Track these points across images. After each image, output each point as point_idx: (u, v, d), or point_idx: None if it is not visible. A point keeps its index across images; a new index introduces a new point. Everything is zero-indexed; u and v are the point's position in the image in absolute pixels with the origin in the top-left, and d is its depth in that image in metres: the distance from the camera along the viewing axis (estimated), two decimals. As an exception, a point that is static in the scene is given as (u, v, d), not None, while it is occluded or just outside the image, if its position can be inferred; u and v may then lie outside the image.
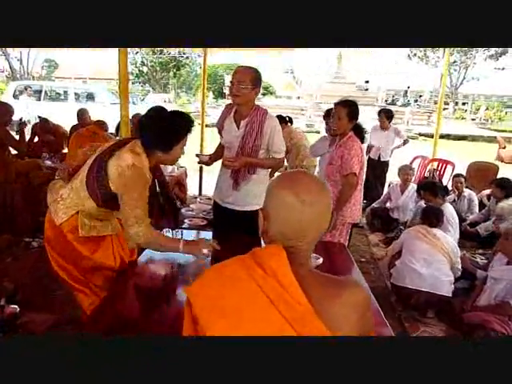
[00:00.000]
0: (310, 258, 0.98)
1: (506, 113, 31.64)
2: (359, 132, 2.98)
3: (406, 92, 22.57)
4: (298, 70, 38.29)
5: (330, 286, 0.91)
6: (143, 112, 1.96)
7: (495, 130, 21.60)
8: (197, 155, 2.78)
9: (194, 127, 1.88)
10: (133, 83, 33.28)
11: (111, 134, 4.71)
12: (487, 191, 5.35)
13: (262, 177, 2.63)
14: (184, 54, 25.89)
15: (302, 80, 37.41)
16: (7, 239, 3.83)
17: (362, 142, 2.96)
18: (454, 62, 29.09)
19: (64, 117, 8.16)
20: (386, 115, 5.54)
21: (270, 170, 2.71)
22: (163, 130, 1.79)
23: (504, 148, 11.37)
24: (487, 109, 30.78)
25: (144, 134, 1.81)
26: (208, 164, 2.78)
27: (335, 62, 21.22)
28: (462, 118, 27.01)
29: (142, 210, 1.76)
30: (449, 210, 3.71)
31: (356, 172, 2.83)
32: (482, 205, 5.05)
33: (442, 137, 16.24)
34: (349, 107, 2.92)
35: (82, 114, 5.26)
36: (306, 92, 23.07)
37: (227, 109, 2.65)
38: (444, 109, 27.60)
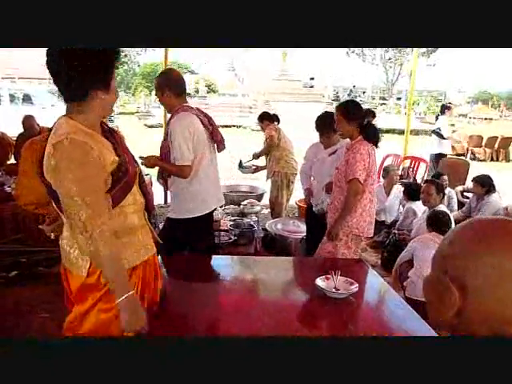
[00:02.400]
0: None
1: (438, 106, 33.45)
2: (370, 133, 2.71)
3: (351, 90, 23.09)
4: (239, 68, 38.10)
5: None
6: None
7: (431, 124, 22.73)
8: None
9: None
10: (66, 82, 31.37)
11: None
12: (460, 187, 5.39)
13: (177, 183, 2.49)
14: (122, 51, 24.73)
15: (243, 77, 37.26)
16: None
17: (376, 145, 2.71)
18: (389, 59, 30.27)
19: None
20: (372, 116, 5.24)
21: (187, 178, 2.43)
22: (94, 57, 1.25)
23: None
24: (419, 103, 32.37)
25: (70, 77, 1.25)
26: None
27: (280, 60, 21.19)
28: (398, 112, 28.18)
29: (94, 207, 1.21)
30: (446, 211, 3.59)
31: (359, 178, 2.60)
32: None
33: (387, 131, 16.80)
34: (342, 108, 2.73)
35: (28, 122, 4.61)
36: (250, 90, 22.89)
37: None
38: (382, 104, 28.74)
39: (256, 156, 4.62)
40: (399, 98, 33.00)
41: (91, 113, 1.32)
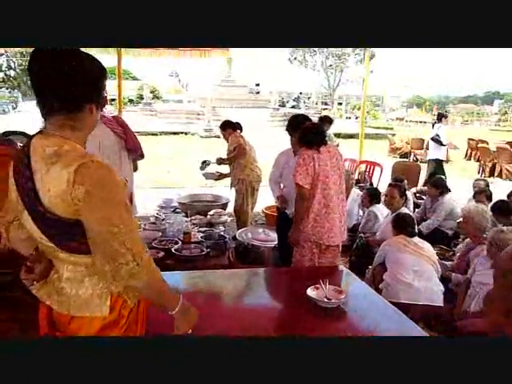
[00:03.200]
0: None
1: (376, 110, 35.03)
2: (304, 139, 2.80)
3: (298, 97, 23.53)
4: (182, 73, 37.64)
5: None
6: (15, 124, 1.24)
7: (372, 127, 23.70)
8: None
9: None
10: (-3, 89, 29.59)
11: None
12: (414, 189, 5.64)
13: None
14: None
15: (187, 83, 36.89)
16: None
17: (311, 145, 2.75)
18: (330, 65, 31.31)
19: None
20: (329, 122, 5.34)
21: None
22: (88, 70, 1.12)
23: (393, 145, 12.46)
24: (359, 108, 33.70)
25: (64, 89, 1.08)
26: None
27: (225, 66, 21.18)
28: (340, 117, 29.16)
29: (136, 232, 1.13)
30: (409, 213, 3.73)
31: (299, 182, 2.69)
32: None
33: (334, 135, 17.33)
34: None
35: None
36: (195, 96, 22.69)
37: None
38: (325, 109, 29.62)
39: (220, 161, 4.53)
40: (340, 103, 34.21)
41: (84, 130, 1.16)
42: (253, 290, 2.28)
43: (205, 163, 4.73)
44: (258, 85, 22.24)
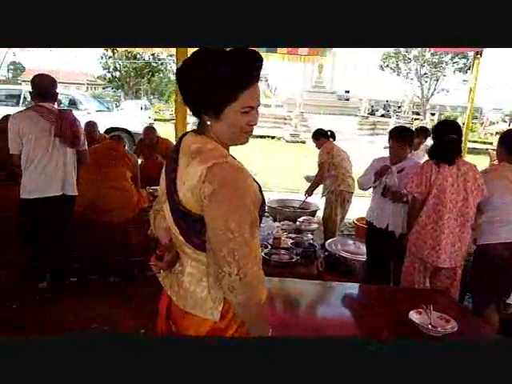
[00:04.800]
0: None
1: (474, 123, 32.64)
2: (431, 151, 2.67)
3: (389, 105, 22.74)
4: (272, 77, 38.15)
5: None
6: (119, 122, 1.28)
7: (469, 141, 22.12)
8: None
9: (260, 67, 1.11)
10: (103, 88, 32.31)
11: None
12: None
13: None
14: (159, 59, 25.19)
15: (276, 87, 37.33)
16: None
17: (431, 158, 2.61)
18: (425, 73, 29.79)
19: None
20: (424, 136, 4.95)
21: None
22: (203, 78, 1.06)
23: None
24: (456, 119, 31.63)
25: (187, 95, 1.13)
26: None
27: (316, 71, 21.07)
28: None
29: (251, 244, 1.06)
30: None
31: (409, 189, 2.68)
32: None
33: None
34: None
35: (151, 133, 4.75)
36: (284, 101, 22.83)
37: None
38: (416, 119, 28.23)
39: (310, 192, 4.49)
40: (433, 114, 32.40)
41: (224, 132, 1.13)
42: (347, 304, 2.20)
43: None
44: (347, 92, 21.80)
